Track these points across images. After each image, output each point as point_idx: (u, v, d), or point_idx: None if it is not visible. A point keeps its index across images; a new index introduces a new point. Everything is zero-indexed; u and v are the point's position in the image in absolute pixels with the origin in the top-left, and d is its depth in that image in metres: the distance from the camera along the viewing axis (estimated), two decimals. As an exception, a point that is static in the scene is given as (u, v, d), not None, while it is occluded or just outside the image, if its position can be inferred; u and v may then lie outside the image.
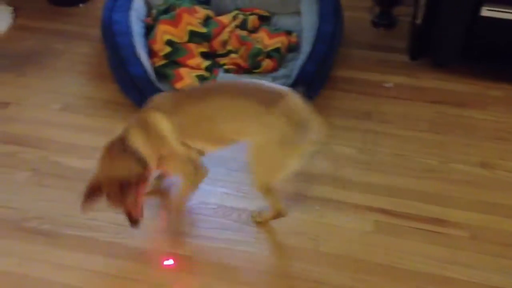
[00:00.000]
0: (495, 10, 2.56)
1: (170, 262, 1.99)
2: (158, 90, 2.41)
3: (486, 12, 2.56)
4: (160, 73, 2.59)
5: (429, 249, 2.00)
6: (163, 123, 1.82)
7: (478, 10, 2.56)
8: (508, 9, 2.54)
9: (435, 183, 2.24)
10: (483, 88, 2.68)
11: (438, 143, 2.41)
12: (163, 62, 2.63)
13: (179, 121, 1.83)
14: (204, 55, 2.69)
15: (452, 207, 2.14)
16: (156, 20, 2.78)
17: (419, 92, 2.68)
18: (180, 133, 1.84)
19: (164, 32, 2.67)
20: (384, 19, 3.11)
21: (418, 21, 2.76)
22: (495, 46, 2.71)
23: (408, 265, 1.95)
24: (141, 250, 2.02)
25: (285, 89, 1.87)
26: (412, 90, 2.70)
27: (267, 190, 1.93)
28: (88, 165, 2.33)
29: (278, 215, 2.03)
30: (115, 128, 2.44)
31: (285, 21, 2.95)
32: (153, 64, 2.61)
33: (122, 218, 2.05)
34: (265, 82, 1.92)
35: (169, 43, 2.65)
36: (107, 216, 2.11)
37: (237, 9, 2.97)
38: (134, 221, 1.84)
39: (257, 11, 2.95)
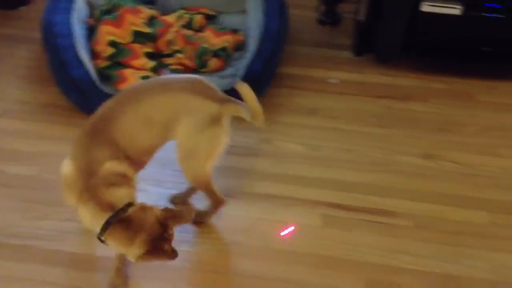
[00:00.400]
0: (434, 5, 2.64)
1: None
2: (101, 92, 2.38)
3: (426, 7, 2.64)
4: (104, 74, 2.54)
5: (377, 240, 2.04)
6: (120, 167, 1.71)
7: (418, 5, 2.64)
8: (446, 4, 2.62)
9: (381, 176, 2.28)
10: (425, 82, 2.76)
11: (383, 137, 2.46)
12: (106, 63, 2.58)
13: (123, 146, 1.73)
14: (150, 56, 2.66)
15: (397, 198, 2.19)
16: (98, 21, 2.73)
17: (364, 88, 2.73)
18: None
19: (107, 33, 2.62)
20: (329, 17, 3.16)
21: (361, 18, 2.82)
22: (435, 40, 2.79)
23: (356, 257, 1.98)
24: (86, 257, 1.97)
25: (194, 75, 1.90)
26: (357, 85, 2.75)
27: (205, 181, 1.92)
28: (31, 171, 2.26)
29: (218, 206, 2.03)
30: (58, 132, 2.41)
31: (231, 20, 2.95)
32: (96, 65, 2.56)
33: (66, 225, 2.03)
34: (171, 75, 1.92)
35: (112, 44, 2.61)
36: (50, 224, 2.05)
37: (182, 8, 2.95)
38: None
39: (203, 10, 2.94)
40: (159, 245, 1.61)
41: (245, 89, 1.81)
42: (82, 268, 1.93)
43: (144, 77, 2.50)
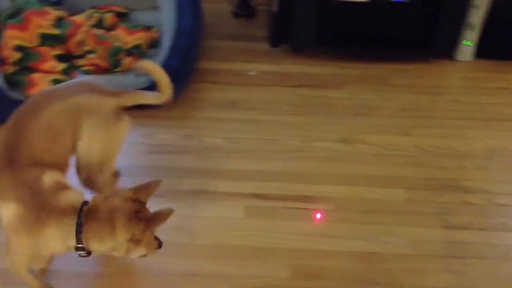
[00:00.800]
0: (342, -6, 2.71)
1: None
2: (10, 99, 2.28)
3: (334, -4, 2.71)
4: (12, 81, 2.43)
5: (299, 226, 2.07)
6: (56, 176, 1.61)
7: (327, -6, 2.71)
8: (353, -8, 2.70)
9: (301, 163, 2.33)
10: (339, 69, 2.84)
11: (302, 125, 2.51)
12: (14, 69, 2.47)
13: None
14: (60, 58, 2.56)
15: (318, 183, 2.24)
16: (2, 25, 2.60)
17: (281, 78, 2.77)
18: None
19: (12, 37, 2.50)
20: (244, 10, 3.18)
21: (274, 9, 2.85)
22: (346, 28, 2.87)
23: (281, 244, 2.01)
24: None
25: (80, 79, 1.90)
26: (275, 76, 2.78)
27: (109, 177, 1.87)
28: None
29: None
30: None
31: (144, 17, 2.89)
32: (3, 72, 2.44)
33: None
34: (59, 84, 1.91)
35: (19, 48, 2.49)
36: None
37: (92, 7, 2.86)
38: None
39: (114, 8, 2.86)
40: (142, 223, 1.52)
41: (148, 65, 1.82)
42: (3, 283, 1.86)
43: (55, 81, 2.42)
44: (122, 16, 2.86)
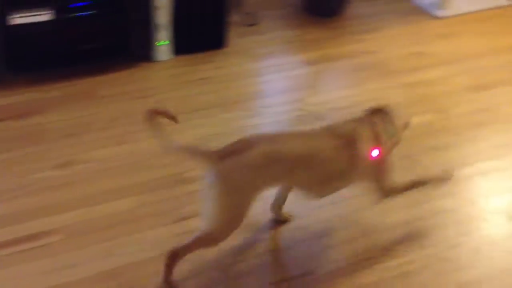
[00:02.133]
0: (23, 16, 2.59)
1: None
2: None
3: (15, 20, 2.57)
4: None
5: (34, 267, 1.93)
6: None
7: (5, 20, 2.54)
8: (34, 12, 2.60)
9: (21, 201, 2.17)
10: (41, 93, 2.72)
11: (12, 161, 2.34)
12: None
13: None
14: None
15: (44, 216, 2.12)
16: None
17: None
18: None
19: None
20: None
21: None
22: (38, 50, 2.76)
23: (16, 293, 1.86)
24: None
25: None
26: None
27: None
28: None
29: None
30: None
31: None
32: None
33: None
34: None
35: None
36: None
37: None
38: None
39: None
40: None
41: None
42: None
43: None
44: None
